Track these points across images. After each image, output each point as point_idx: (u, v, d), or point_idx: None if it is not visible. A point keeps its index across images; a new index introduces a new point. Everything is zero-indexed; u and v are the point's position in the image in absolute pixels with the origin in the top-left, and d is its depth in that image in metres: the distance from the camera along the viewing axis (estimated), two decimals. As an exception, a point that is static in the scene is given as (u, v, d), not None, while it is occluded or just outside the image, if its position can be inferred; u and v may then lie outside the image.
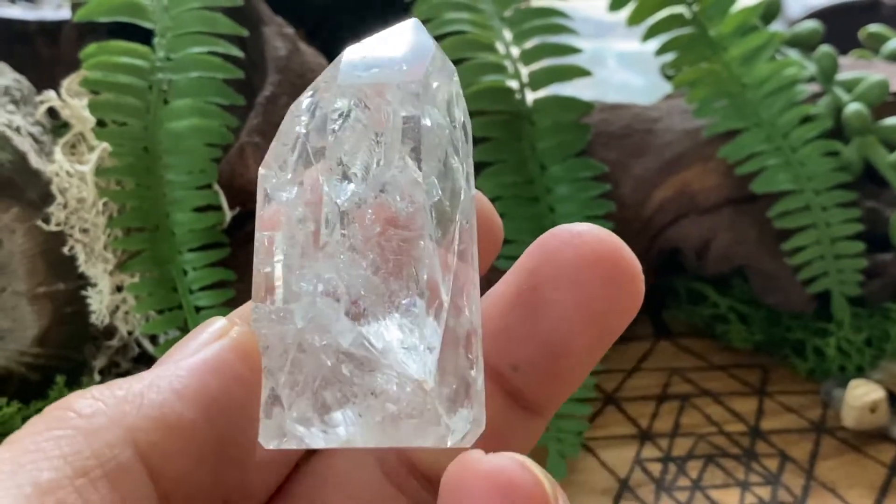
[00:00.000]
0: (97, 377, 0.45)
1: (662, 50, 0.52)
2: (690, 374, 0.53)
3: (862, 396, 0.47)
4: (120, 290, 0.44)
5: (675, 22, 0.52)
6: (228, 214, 0.46)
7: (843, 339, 0.50)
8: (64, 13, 0.71)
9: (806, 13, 0.71)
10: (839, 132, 0.51)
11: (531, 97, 0.51)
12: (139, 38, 0.47)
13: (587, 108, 0.51)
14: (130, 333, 0.45)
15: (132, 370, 0.47)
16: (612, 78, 0.81)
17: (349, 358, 0.19)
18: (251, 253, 0.20)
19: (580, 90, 0.54)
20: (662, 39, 0.52)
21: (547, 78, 0.51)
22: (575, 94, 0.52)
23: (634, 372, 0.53)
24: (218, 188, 0.45)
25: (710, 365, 0.54)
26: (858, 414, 0.47)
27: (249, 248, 0.21)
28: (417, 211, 0.19)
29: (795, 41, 0.55)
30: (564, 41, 0.52)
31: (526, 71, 0.51)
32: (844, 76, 0.52)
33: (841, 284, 0.50)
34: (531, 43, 0.51)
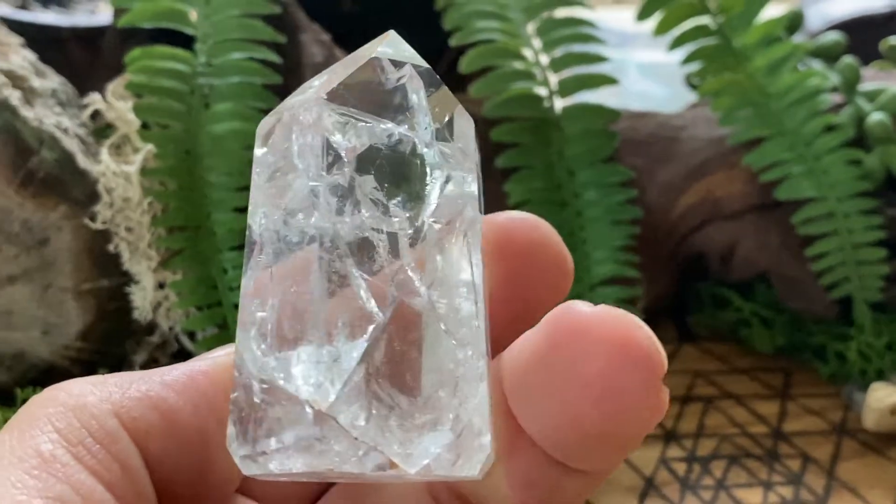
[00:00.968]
0: (137, 372, 0.46)
1: (688, 60, 0.53)
2: (714, 376, 0.54)
3: (883, 399, 0.48)
4: (162, 286, 0.45)
5: (700, 32, 0.53)
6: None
7: (864, 343, 0.51)
8: (97, 19, 0.73)
9: (826, 25, 0.72)
10: (861, 141, 0.52)
11: (560, 104, 0.52)
12: (178, 43, 0.49)
13: (614, 115, 0.52)
14: (171, 329, 0.46)
15: (170, 366, 0.48)
16: (632, 87, 0.82)
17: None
18: None
19: (602, 99, 0.55)
20: (688, 49, 0.53)
21: (575, 86, 0.52)
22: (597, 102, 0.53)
23: (659, 374, 0.54)
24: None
25: (733, 368, 0.55)
26: (879, 416, 0.48)
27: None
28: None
29: (818, 52, 0.56)
30: (592, 50, 0.54)
31: (555, 79, 0.52)
32: (866, 87, 0.53)
33: (862, 290, 0.51)
34: (559, 51, 0.53)
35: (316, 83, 0.22)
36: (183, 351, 0.48)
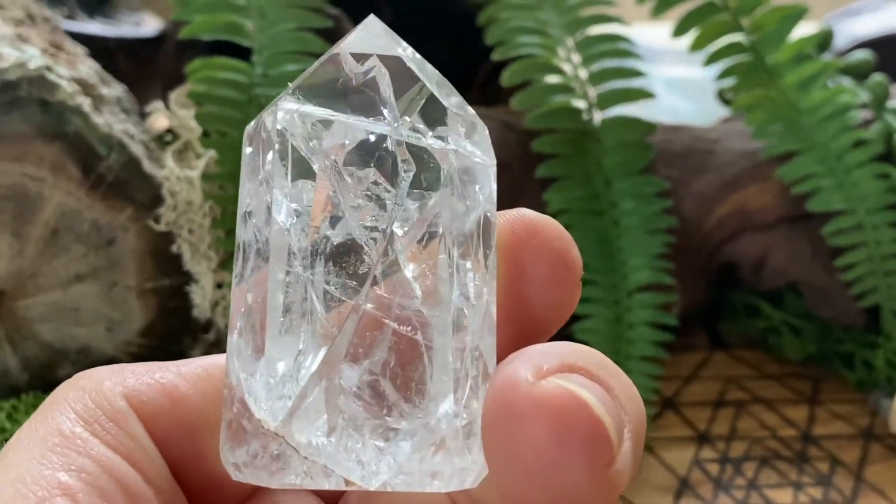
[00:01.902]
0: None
1: (722, 76, 0.55)
2: (745, 382, 0.56)
3: (910, 405, 0.50)
4: (220, 286, 0.48)
5: (734, 49, 0.55)
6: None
7: (891, 351, 0.53)
8: (143, 30, 0.75)
9: (852, 44, 0.74)
10: (890, 156, 0.54)
11: (598, 117, 0.54)
12: (232, 54, 0.51)
13: (650, 128, 0.54)
14: (226, 327, 0.48)
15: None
16: (660, 102, 0.84)
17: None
18: None
19: (633, 113, 0.57)
20: (722, 66, 0.55)
21: (613, 99, 0.54)
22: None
23: (692, 379, 0.56)
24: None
25: (763, 374, 0.57)
26: (906, 422, 0.50)
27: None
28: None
29: (848, 70, 0.58)
30: (629, 65, 0.56)
31: (593, 92, 0.54)
32: (895, 104, 0.55)
33: (890, 300, 0.53)
34: (598, 66, 0.55)
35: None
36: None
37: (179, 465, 0.22)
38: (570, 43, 0.55)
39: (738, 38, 0.55)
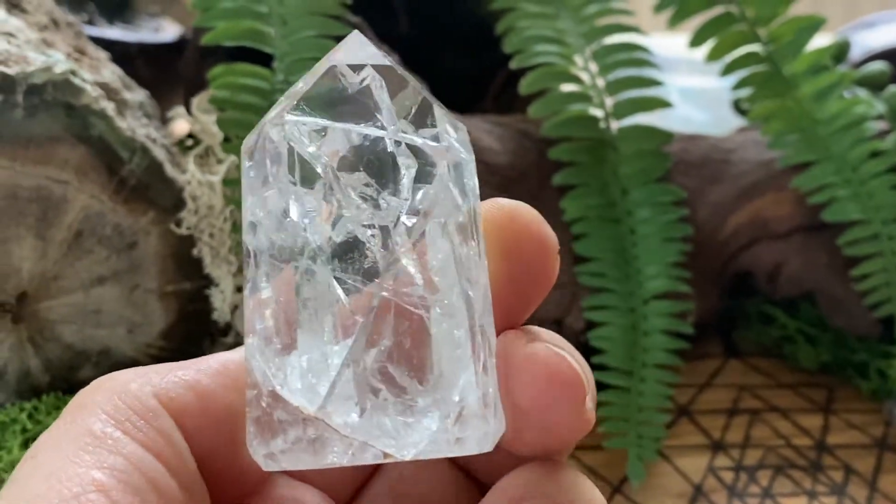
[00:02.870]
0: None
1: (739, 86, 0.56)
2: (759, 390, 0.56)
3: (924, 415, 0.50)
4: (240, 290, 0.48)
5: (751, 60, 0.55)
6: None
7: (905, 361, 0.53)
8: (162, 36, 0.76)
9: (866, 55, 0.74)
10: (906, 167, 0.54)
11: (615, 125, 0.55)
12: (253, 61, 0.51)
13: (667, 137, 0.55)
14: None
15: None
16: (674, 112, 0.85)
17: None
18: None
19: (648, 122, 0.57)
20: (738, 76, 0.56)
21: (630, 108, 0.55)
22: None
23: (706, 387, 0.56)
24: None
25: (778, 383, 0.57)
26: (921, 432, 0.50)
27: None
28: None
29: (864, 81, 0.58)
30: (646, 74, 0.56)
31: (610, 101, 0.55)
32: (911, 115, 0.56)
33: (905, 310, 0.53)
34: (615, 75, 0.55)
35: (288, 95, 0.22)
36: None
37: (207, 457, 0.23)
38: (587, 52, 0.55)
39: (754, 48, 0.55)
